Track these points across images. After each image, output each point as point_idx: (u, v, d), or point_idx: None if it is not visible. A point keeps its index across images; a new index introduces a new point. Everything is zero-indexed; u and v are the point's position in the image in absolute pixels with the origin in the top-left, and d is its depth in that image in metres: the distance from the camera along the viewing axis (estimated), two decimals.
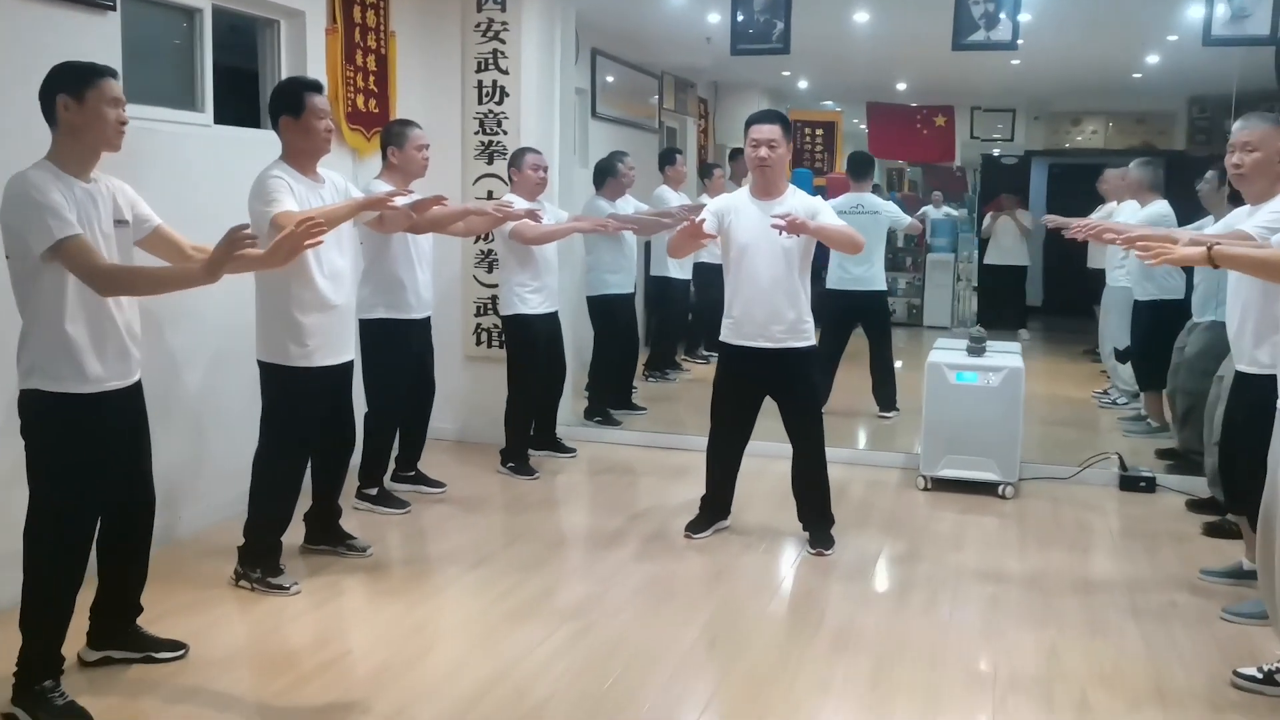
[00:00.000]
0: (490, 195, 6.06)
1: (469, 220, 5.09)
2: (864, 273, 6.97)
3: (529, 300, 5.53)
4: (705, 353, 9.27)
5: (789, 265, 4.38)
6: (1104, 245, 8.17)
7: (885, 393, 7.19)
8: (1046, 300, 13.10)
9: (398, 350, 4.90)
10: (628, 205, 6.92)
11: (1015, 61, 10.37)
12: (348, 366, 4.15)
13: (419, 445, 5.29)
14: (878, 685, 3.31)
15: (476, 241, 6.13)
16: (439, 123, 6.05)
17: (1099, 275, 9.58)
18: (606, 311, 6.68)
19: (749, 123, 4.43)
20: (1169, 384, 6.12)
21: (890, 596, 4.07)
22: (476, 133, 6.08)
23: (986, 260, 11.63)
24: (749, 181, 4.56)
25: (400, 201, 4.22)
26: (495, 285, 6.11)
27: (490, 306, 6.14)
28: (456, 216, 4.85)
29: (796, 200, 4.42)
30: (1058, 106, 12.55)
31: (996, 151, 13.06)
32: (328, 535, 4.38)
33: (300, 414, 3.99)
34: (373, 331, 4.84)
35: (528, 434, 5.75)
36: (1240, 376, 3.69)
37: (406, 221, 4.46)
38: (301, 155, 3.96)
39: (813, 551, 4.48)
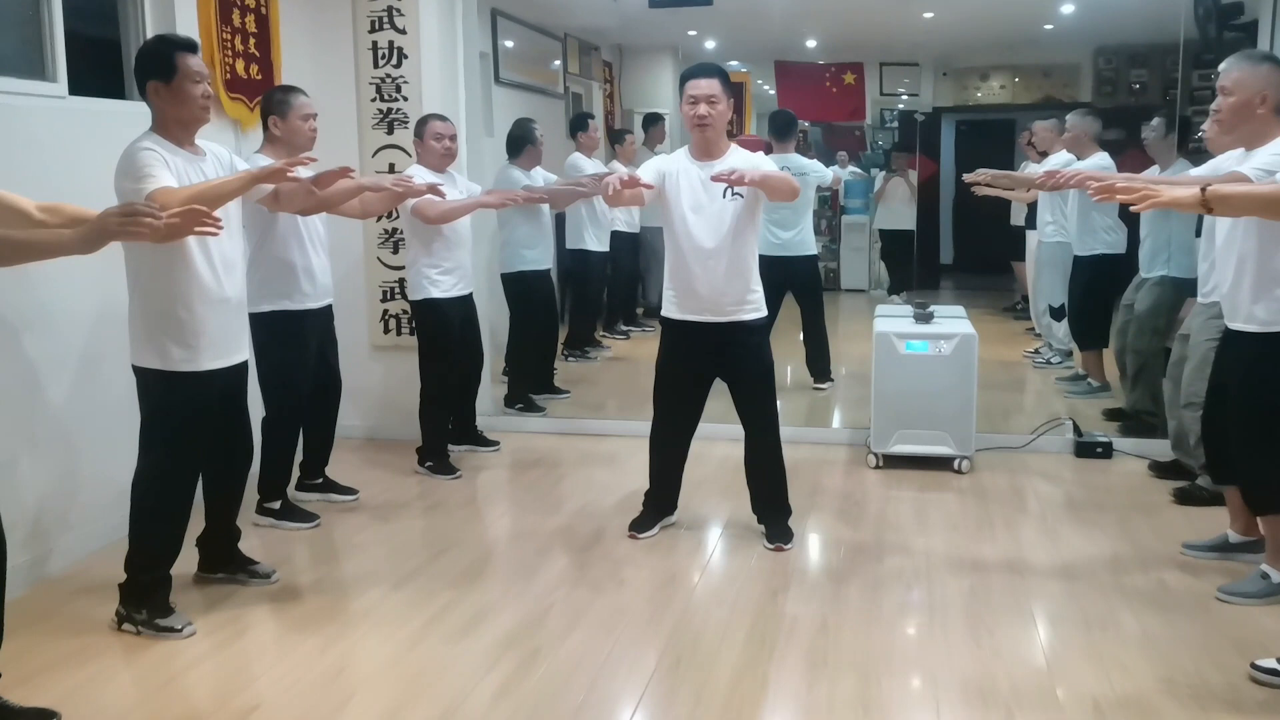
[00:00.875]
0: (392, 169, 5.52)
1: (364, 199, 4.56)
2: (793, 237, 6.61)
3: (439, 283, 5.02)
4: (625, 327, 8.85)
5: (735, 230, 3.97)
6: (1026, 201, 8.14)
7: (820, 363, 6.86)
8: (957, 258, 12.99)
9: (295, 345, 4.36)
10: (538, 176, 6.43)
11: (928, 15, 10.12)
12: (241, 368, 3.62)
13: (325, 449, 4.76)
14: (869, 709, 2.93)
15: (379, 220, 5.58)
16: (331, 89, 5.49)
17: (1018, 231, 9.49)
18: (523, 289, 6.19)
19: (685, 78, 4.00)
20: (1116, 342, 5.90)
21: (863, 597, 3.70)
22: (373, 99, 5.52)
23: (876, 224, 11.12)
24: (687, 144, 4.12)
25: (301, 173, 3.67)
26: (402, 267, 5.57)
27: (398, 290, 5.61)
28: (350, 194, 4.31)
29: (737, 159, 4.01)
30: (964, 62, 12.36)
31: (901, 107, 12.85)
32: (225, 561, 3.85)
33: (187, 426, 3.44)
34: (265, 326, 4.29)
35: (446, 429, 5.25)
36: (1233, 335, 3.40)
37: (308, 199, 3.93)
38: (176, 125, 3.41)
39: (771, 547, 4.10)
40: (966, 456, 5.03)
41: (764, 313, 4.12)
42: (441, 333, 5.07)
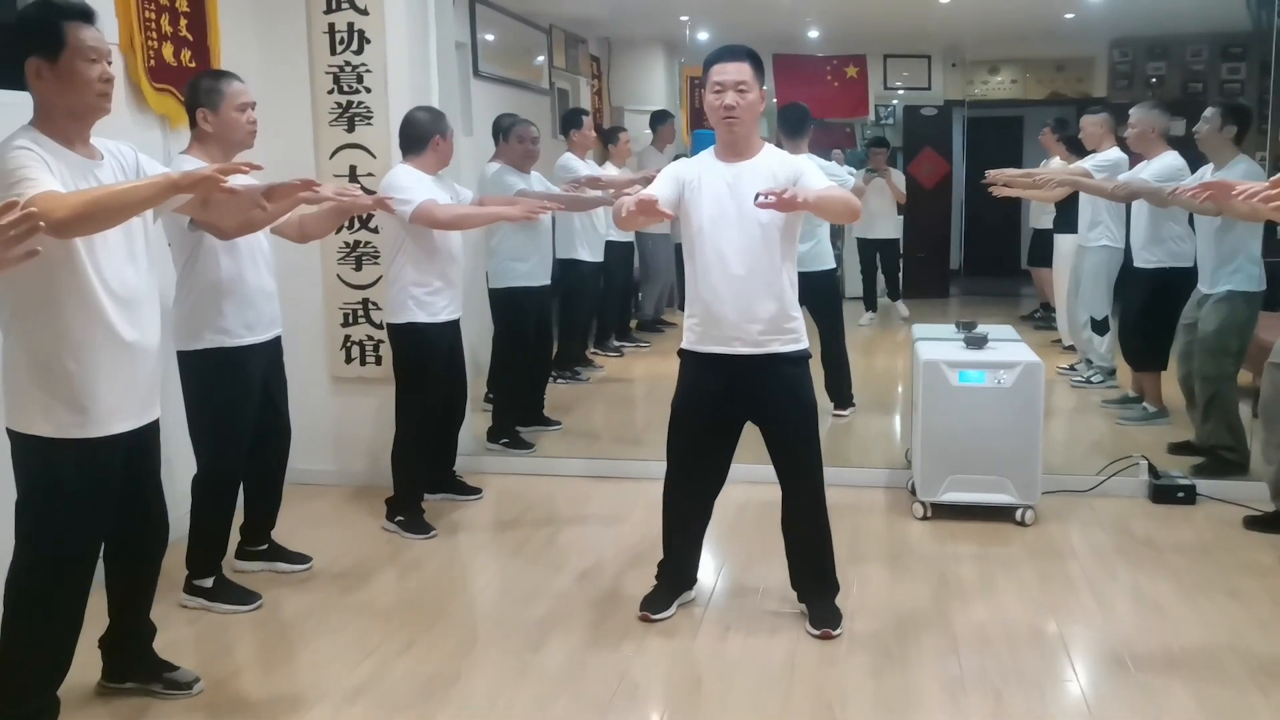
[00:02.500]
0: (353, 173, 4.75)
1: (305, 218, 3.81)
2: (809, 250, 5.83)
3: (427, 305, 4.25)
4: (618, 343, 8.09)
5: (768, 246, 3.24)
6: (1051, 200, 7.41)
7: (840, 388, 6.11)
8: (967, 263, 12.27)
9: (234, 388, 3.59)
10: (536, 181, 5.68)
11: (945, 0, 9.42)
12: (152, 429, 2.85)
13: (272, 509, 3.98)
14: None
15: (340, 230, 4.80)
16: (281, 79, 4.73)
17: (1043, 235, 8.77)
18: (514, 307, 5.42)
19: (709, 62, 3.26)
20: (1180, 368, 5.17)
21: (940, 703, 2.95)
22: (331, 91, 4.73)
23: (854, 231, 9.13)
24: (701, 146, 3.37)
25: (239, 181, 2.82)
26: (365, 286, 4.81)
27: (361, 314, 4.83)
28: (289, 207, 3.52)
29: (773, 160, 3.27)
30: (974, 54, 11.63)
31: (895, 102, 12.12)
32: (135, 667, 3.05)
33: (79, 506, 2.67)
34: (197, 366, 3.54)
35: (423, 476, 4.47)
36: None
37: (251, 215, 3.17)
38: (65, 118, 2.65)
39: (816, 633, 3.34)
40: (1030, 506, 4.29)
41: (805, 343, 3.37)
42: (426, 362, 4.30)
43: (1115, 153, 6.24)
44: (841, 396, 6.11)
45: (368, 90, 4.69)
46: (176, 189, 2.55)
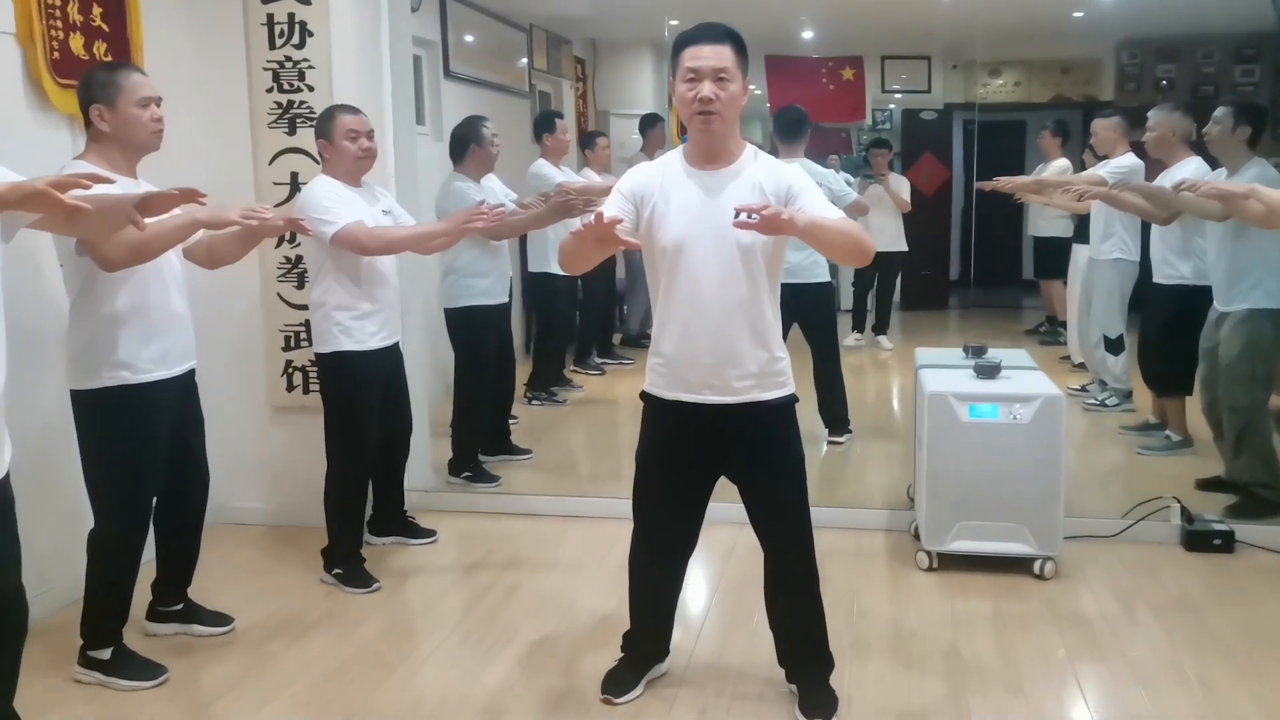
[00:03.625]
0: (295, 181, 4.26)
1: (213, 242, 3.35)
2: (802, 261, 5.37)
3: (356, 331, 3.78)
4: (599, 360, 7.62)
5: (750, 274, 2.73)
6: (1079, 210, 6.94)
7: (835, 411, 5.64)
8: (965, 273, 11.79)
9: (139, 431, 3.11)
10: (494, 188, 5.19)
11: None
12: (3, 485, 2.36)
13: (188, 564, 3.48)
14: None
15: (280, 244, 4.32)
16: (215, 76, 4.29)
17: (1054, 244, 8.33)
18: (472, 328, 4.94)
19: (681, 44, 2.73)
20: (1203, 396, 4.69)
21: None
22: (270, 89, 4.25)
23: None
24: (679, 146, 2.89)
25: (104, 191, 2.38)
26: (308, 307, 4.31)
27: (304, 336, 4.34)
28: (186, 230, 3.03)
29: (760, 169, 2.77)
30: (977, 55, 11.15)
31: (892, 107, 11.65)
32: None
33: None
34: (93, 408, 3.06)
35: (361, 522, 3.98)
36: None
37: (118, 230, 2.69)
38: None
39: None
40: (1050, 558, 3.81)
41: (791, 386, 2.87)
42: (357, 394, 3.83)
43: (1131, 158, 5.79)
44: (837, 421, 5.64)
45: (310, 89, 4.21)
46: (23, 201, 2.05)
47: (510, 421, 5.62)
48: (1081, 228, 6.95)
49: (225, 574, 3.95)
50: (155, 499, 3.24)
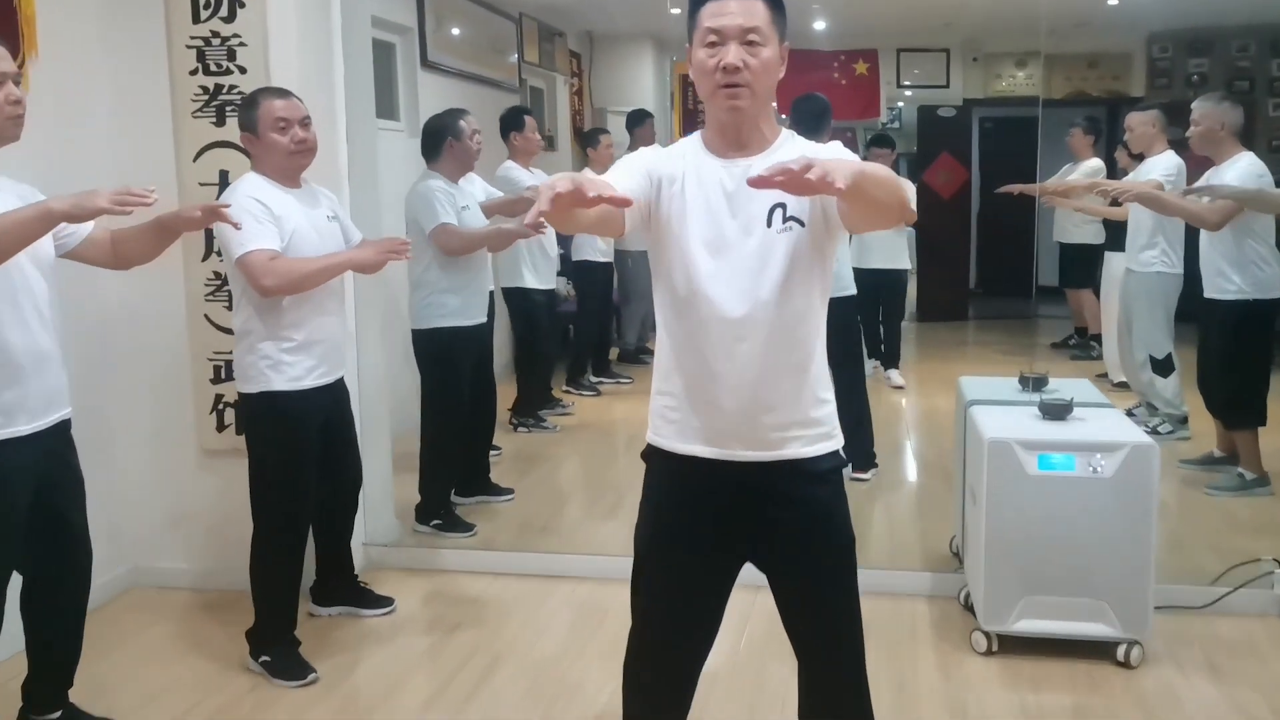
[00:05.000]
0: (225, 180, 3.58)
1: (118, 236, 2.74)
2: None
3: (287, 367, 3.10)
4: (595, 379, 6.94)
5: (791, 287, 2.05)
6: (1118, 217, 6.27)
7: (859, 442, 4.94)
8: (982, 281, 11.11)
9: None
10: (473, 188, 4.53)
11: None
12: None
13: (65, 662, 2.77)
14: None
15: (208, 258, 3.64)
16: (130, 54, 3.60)
17: (1081, 251, 7.68)
18: (442, 353, 4.25)
19: (698, 0, 2.06)
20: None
21: None
22: (194, 71, 3.57)
23: (852, 260, 6.17)
24: (701, 131, 2.20)
25: None
26: None
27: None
28: (30, 224, 2.35)
29: (796, 154, 2.08)
30: (996, 46, 10.46)
31: (902, 104, 10.97)
32: None
33: None
34: None
35: (293, 595, 3.27)
36: None
37: None
38: None
39: None
40: (1138, 642, 3.12)
41: (838, 439, 2.19)
42: (287, 443, 3.14)
43: (1173, 157, 5.19)
44: (861, 454, 4.95)
45: (242, 70, 3.53)
46: None
47: (492, 454, 4.95)
48: (1114, 234, 6.29)
49: (131, 656, 3.27)
50: (22, 579, 2.56)
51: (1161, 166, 5.17)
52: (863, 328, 6.60)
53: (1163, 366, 5.45)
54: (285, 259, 2.98)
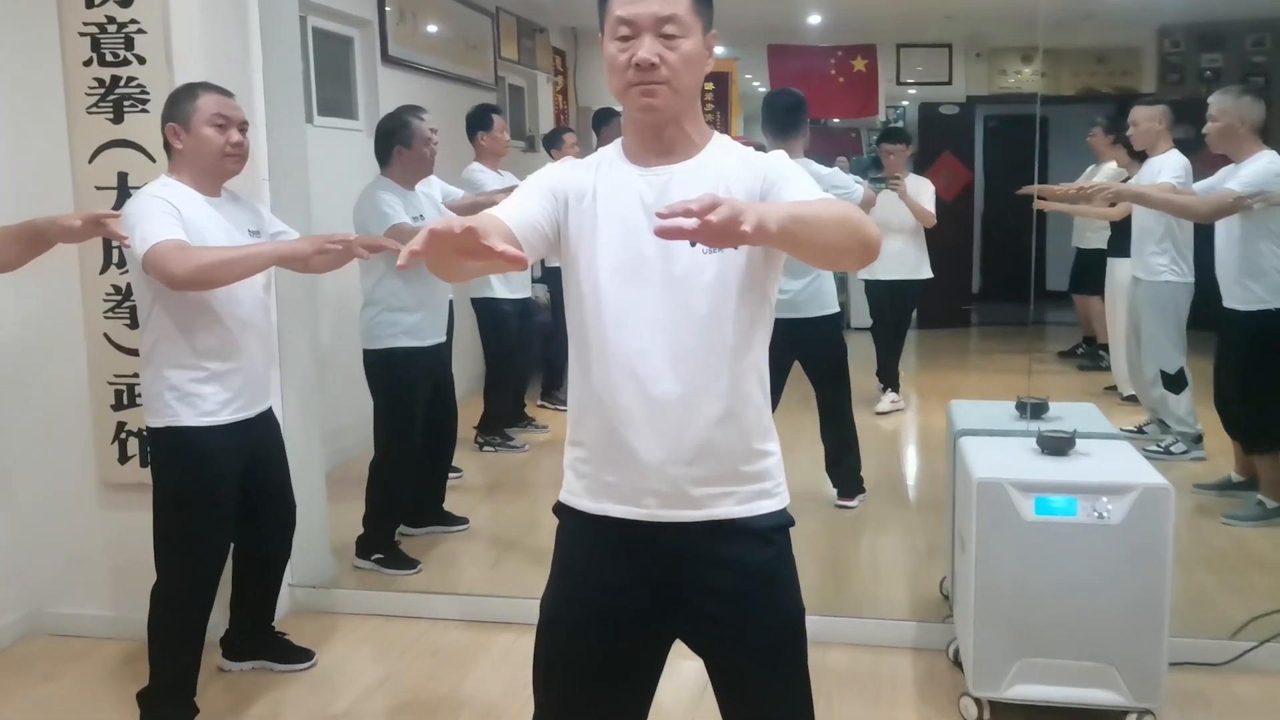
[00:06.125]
0: (124, 184, 3.19)
1: None
2: (805, 289, 4.33)
3: (199, 399, 2.73)
4: None
5: (718, 318, 1.69)
6: (1108, 217, 5.90)
7: (844, 468, 4.58)
8: (985, 286, 10.70)
9: None
10: (432, 191, 4.17)
11: None
12: None
13: None
14: None
15: (106, 270, 3.26)
16: (18, 42, 3.23)
17: (1092, 257, 7.28)
18: (395, 375, 3.86)
19: None
20: None
21: None
22: (88, 61, 3.18)
23: (861, 272, 6.28)
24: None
25: None
26: None
27: (139, 392, 3.27)
28: None
29: (729, 162, 1.73)
30: (1000, 41, 10.03)
31: (905, 103, 10.53)
32: None
33: None
34: None
35: (193, 658, 2.87)
36: None
37: None
38: None
39: None
40: (1149, 710, 2.72)
41: (784, 499, 1.80)
42: (201, 486, 2.76)
43: (1180, 157, 4.83)
44: (848, 481, 4.58)
45: (140, 60, 3.14)
46: None
47: (453, 476, 4.59)
48: (1117, 238, 5.89)
49: (23, 713, 2.90)
50: None
51: (1170, 167, 4.79)
52: (880, 351, 6.18)
53: (1174, 382, 5.05)
54: (200, 248, 2.61)
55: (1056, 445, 2.89)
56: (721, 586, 1.75)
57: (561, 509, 1.85)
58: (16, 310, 3.27)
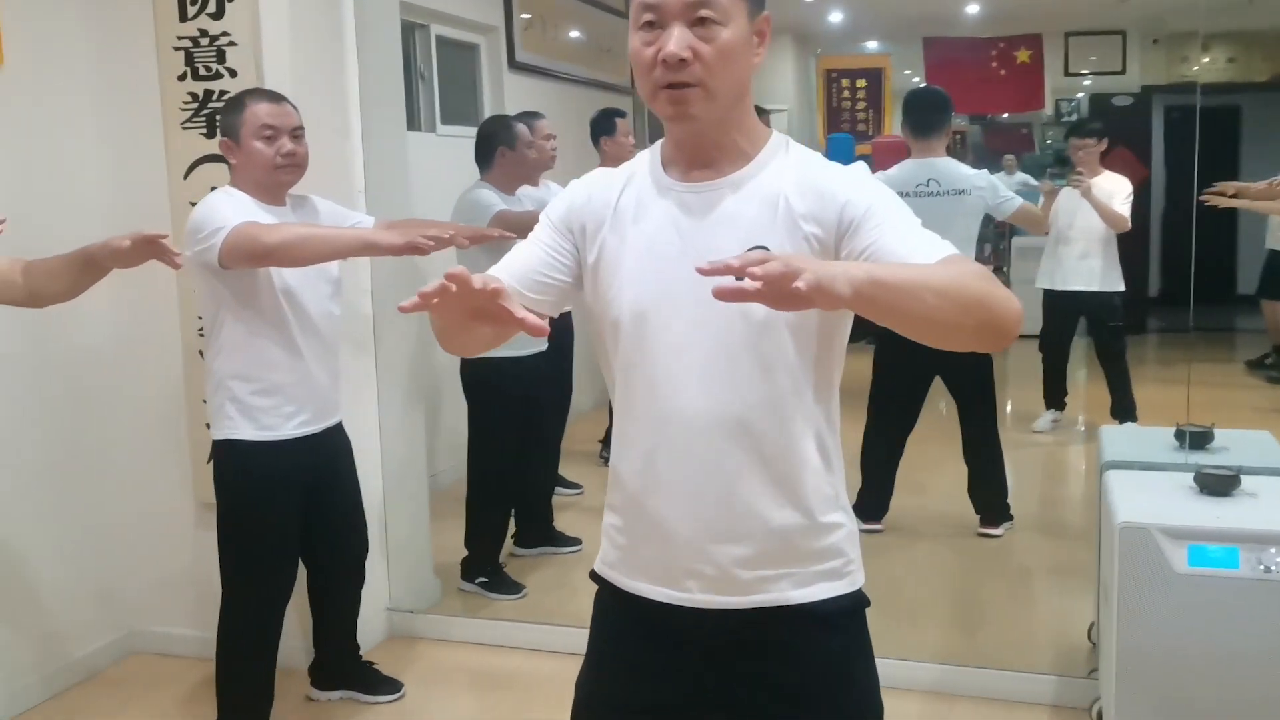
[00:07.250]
0: None
1: (31, 269, 2.31)
2: None
3: (260, 412, 2.65)
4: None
5: (767, 367, 1.41)
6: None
7: (989, 493, 4.21)
8: (1166, 289, 9.92)
9: None
10: (544, 194, 4.02)
11: None
12: None
13: None
14: None
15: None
16: (114, 59, 3.24)
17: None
18: (493, 385, 3.70)
19: None
20: None
21: None
22: (183, 76, 3.14)
23: (1038, 280, 5.60)
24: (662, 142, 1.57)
25: None
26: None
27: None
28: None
29: (787, 179, 1.43)
30: (1180, 24, 9.25)
31: (1081, 95, 9.85)
32: None
33: None
34: None
35: (262, 683, 2.76)
36: None
37: None
38: None
39: None
40: None
41: (854, 580, 1.51)
42: (259, 503, 2.70)
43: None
44: (992, 506, 4.20)
45: (232, 73, 3.08)
46: None
47: (572, 493, 4.43)
48: None
49: None
50: None
51: None
52: (1048, 367, 5.60)
53: None
54: (288, 225, 2.54)
55: (1217, 484, 2.49)
56: (777, 681, 1.48)
57: (596, 578, 1.62)
58: (119, 328, 3.28)
